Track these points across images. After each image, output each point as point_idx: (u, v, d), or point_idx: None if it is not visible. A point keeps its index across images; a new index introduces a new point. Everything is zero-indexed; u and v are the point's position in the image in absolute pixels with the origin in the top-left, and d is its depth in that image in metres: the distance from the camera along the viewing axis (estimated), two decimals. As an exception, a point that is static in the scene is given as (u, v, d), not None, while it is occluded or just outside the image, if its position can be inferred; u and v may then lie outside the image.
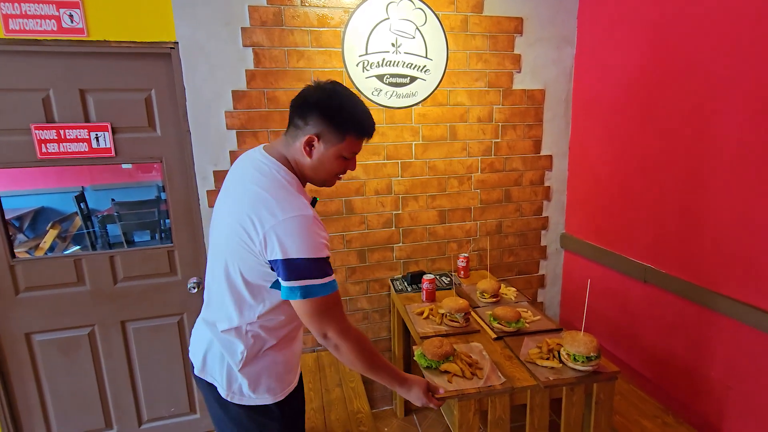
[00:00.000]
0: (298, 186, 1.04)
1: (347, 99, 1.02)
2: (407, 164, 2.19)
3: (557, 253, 2.53)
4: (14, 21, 1.68)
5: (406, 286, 2.15)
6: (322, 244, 0.97)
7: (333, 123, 1.00)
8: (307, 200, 1.02)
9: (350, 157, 1.06)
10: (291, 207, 0.95)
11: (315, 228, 0.96)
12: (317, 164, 1.03)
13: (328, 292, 0.98)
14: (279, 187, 0.99)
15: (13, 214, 3.93)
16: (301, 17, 1.93)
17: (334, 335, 1.02)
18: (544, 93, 2.31)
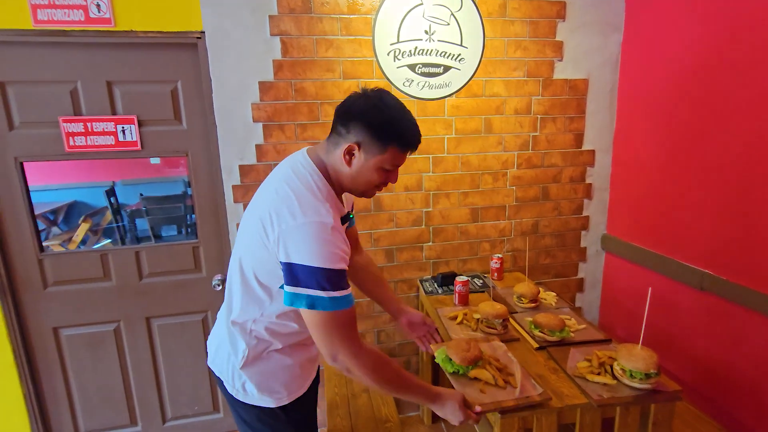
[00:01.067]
0: (329, 194, 0.99)
1: (393, 109, 0.97)
2: (439, 159, 2.08)
3: (598, 255, 2.36)
4: (42, 11, 1.65)
5: (437, 287, 2.04)
6: (337, 256, 0.90)
7: (375, 133, 0.94)
8: (336, 211, 0.98)
9: (392, 169, 1.00)
10: (312, 212, 0.92)
11: (331, 237, 0.90)
12: (356, 174, 0.98)
13: (337, 308, 0.90)
14: (307, 190, 0.96)
15: (48, 208, 4.04)
16: (331, 4, 1.84)
17: (345, 358, 0.94)
18: (587, 83, 2.14)
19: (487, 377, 1.23)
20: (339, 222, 0.96)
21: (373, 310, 2.17)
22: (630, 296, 2.22)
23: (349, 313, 0.93)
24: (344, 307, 0.91)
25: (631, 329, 2.21)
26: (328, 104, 1.92)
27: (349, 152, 0.96)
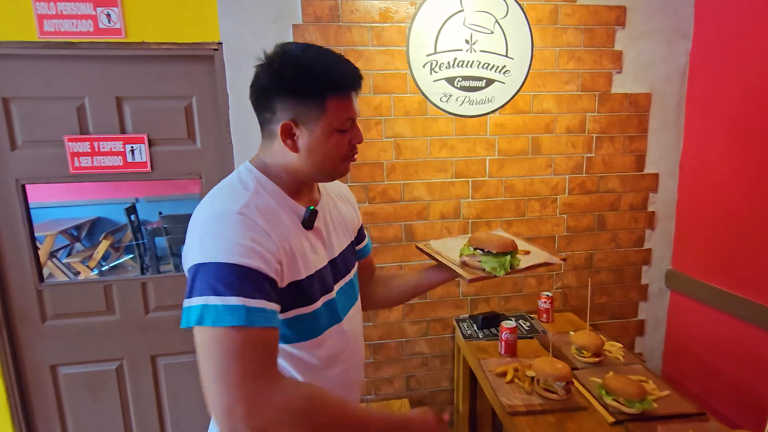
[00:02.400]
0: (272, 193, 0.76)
1: (303, 58, 0.73)
2: (479, 183, 1.83)
3: (661, 294, 2.05)
4: (49, 22, 1.52)
5: (476, 330, 1.77)
6: (242, 247, 0.64)
7: (302, 95, 0.72)
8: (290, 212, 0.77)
9: (347, 126, 0.77)
10: (221, 200, 0.72)
11: (237, 226, 0.66)
12: (310, 154, 0.75)
13: (234, 322, 0.60)
14: (227, 186, 0.76)
15: (71, 224, 3.98)
16: (361, 11, 1.65)
17: (249, 413, 0.57)
18: (650, 98, 1.87)
19: None
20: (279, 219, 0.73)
21: (403, 353, 1.91)
22: (700, 343, 1.89)
23: (260, 337, 0.62)
24: (249, 324, 0.60)
25: (704, 383, 1.87)
26: (357, 122, 1.71)
27: (287, 133, 0.74)
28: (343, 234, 0.91)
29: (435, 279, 1.01)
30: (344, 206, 0.96)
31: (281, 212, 0.75)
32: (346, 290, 0.88)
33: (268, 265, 0.66)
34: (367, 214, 1.78)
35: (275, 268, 0.67)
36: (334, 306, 0.83)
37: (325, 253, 0.83)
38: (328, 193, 0.92)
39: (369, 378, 1.90)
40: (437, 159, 1.79)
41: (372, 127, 1.73)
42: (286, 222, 0.75)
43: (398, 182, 1.78)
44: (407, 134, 1.75)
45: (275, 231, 0.70)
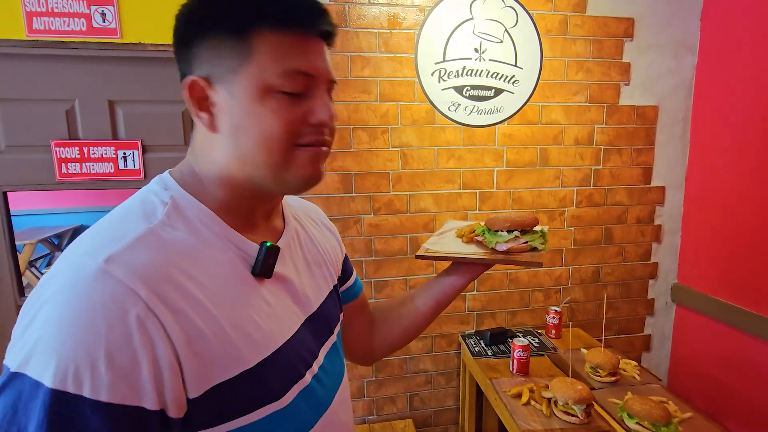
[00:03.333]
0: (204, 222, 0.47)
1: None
2: (487, 195, 1.79)
3: (667, 308, 2.02)
4: (38, 20, 1.42)
5: (484, 347, 1.71)
6: (87, 355, 0.35)
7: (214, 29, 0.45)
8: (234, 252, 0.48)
9: (296, 87, 0.46)
10: (85, 245, 0.42)
11: (88, 301, 0.37)
12: (236, 132, 0.46)
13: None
14: (113, 215, 0.47)
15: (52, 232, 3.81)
16: (369, 17, 1.60)
17: None
18: (657, 110, 1.86)
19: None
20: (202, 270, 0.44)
21: (406, 371, 1.83)
22: (706, 358, 1.86)
23: None
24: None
25: (711, 399, 1.84)
26: (362, 130, 1.66)
27: (197, 98, 0.47)
28: (322, 276, 0.63)
29: (459, 283, 0.76)
30: (321, 235, 0.68)
31: (214, 255, 0.46)
32: (332, 358, 0.61)
33: (129, 387, 0.37)
34: (372, 225, 1.72)
35: (154, 385, 0.38)
36: (314, 392, 0.54)
37: (298, 311, 0.55)
38: (296, 217, 0.64)
39: (371, 397, 1.82)
40: (444, 169, 1.74)
41: (378, 135, 1.67)
42: (220, 272, 0.46)
43: (404, 193, 1.72)
44: (414, 144, 1.70)
45: (187, 295, 0.42)
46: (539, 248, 0.77)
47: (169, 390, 0.39)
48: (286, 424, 0.49)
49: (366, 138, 1.66)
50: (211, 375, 0.42)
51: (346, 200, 1.68)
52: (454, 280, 0.76)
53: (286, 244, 0.57)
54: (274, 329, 0.49)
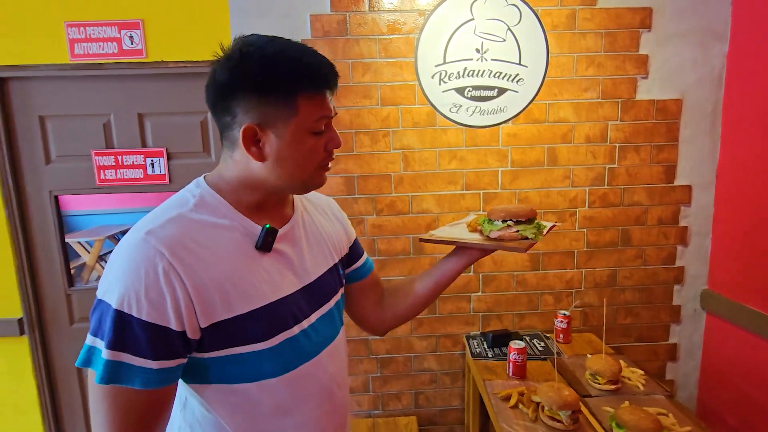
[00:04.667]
0: (220, 209, 0.66)
1: (269, 44, 0.63)
2: (491, 195, 1.77)
3: (696, 316, 1.88)
4: (79, 45, 1.63)
5: (486, 349, 1.70)
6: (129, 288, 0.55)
7: (269, 93, 0.61)
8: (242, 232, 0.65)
9: (322, 128, 0.66)
10: (144, 220, 0.62)
11: (133, 258, 0.57)
12: (280, 162, 0.64)
13: (111, 380, 0.55)
14: (166, 202, 0.66)
15: (117, 230, 4.26)
16: (369, 24, 1.66)
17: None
18: (680, 104, 1.74)
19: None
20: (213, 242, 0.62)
21: (411, 368, 1.87)
22: (740, 371, 1.71)
23: (138, 400, 0.57)
24: (128, 383, 0.55)
25: (744, 415, 1.69)
26: (364, 133, 1.71)
27: (251, 139, 0.63)
28: (322, 255, 0.79)
29: (456, 266, 0.87)
30: (327, 222, 0.84)
31: (223, 233, 0.64)
32: (324, 322, 0.76)
33: (159, 313, 0.56)
34: (375, 226, 1.77)
35: (175, 314, 0.57)
36: (299, 342, 0.69)
37: (295, 280, 0.71)
38: (305, 207, 0.81)
39: (376, 392, 1.88)
40: (446, 171, 1.75)
41: (380, 139, 1.72)
42: (226, 245, 0.63)
43: (406, 194, 1.76)
44: (415, 146, 1.73)
45: (198, 258, 0.59)
46: (529, 237, 0.84)
47: (186, 318, 0.58)
48: (270, 361, 0.66)
49: (368, 141, 1.72)
50: (213, 313, 0.60)
51: (349, 202, 1.75)
52: (452, 263, 0.88)
53: (291, 227, 0.73)
54: (266, 289, 0.66)
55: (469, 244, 0.86)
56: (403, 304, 0.92)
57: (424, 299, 0.90)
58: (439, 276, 0.89)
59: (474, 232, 0.91)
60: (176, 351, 0.58)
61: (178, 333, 0.57)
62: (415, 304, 0.91)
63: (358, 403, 1.88)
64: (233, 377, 0.64)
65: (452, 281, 0.89)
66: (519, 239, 0.83)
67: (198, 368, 0.63)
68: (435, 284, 0.89)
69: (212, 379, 0.64)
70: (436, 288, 0.89)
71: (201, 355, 0.62)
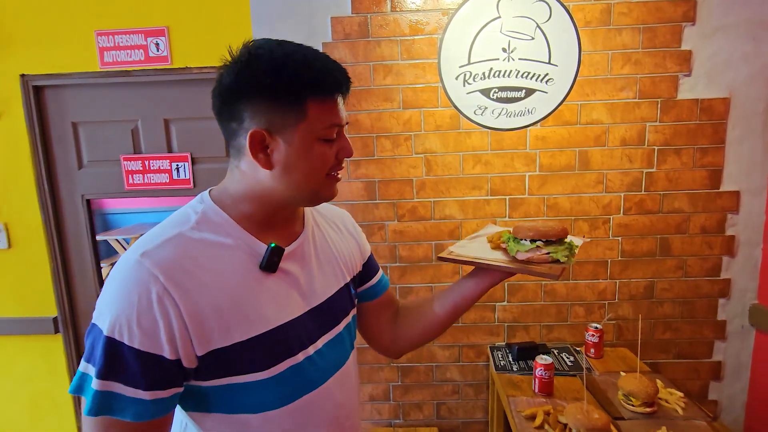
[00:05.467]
0: (224, 227, 0.62)
1: (278, 48, 0.60)
2: (518, 201, 1.70)
3: (744, 333, 1.73)
4: (108, 54, 1.67)
5: (510, 362, 1.63)
6: (122, 315, 0.52)
7: (275, 94, 0.58)
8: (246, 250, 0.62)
9: (332, 135, 0.62)
10: (143, 239, 0.59)
11: (126, 282, 0.54)
12: (288, 170, 0.61)
13: (101, 411, 0.51)
14: (168, 219, 0.64)
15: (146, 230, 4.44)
16: (390, 25, 1.61)
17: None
18: (728, 103, 1.61)
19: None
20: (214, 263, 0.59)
21: (432, 378, 1.82)
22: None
23: (125, 430, 0.53)
24: (118, 415, 0.52)
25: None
26: (385, 137, 1.68)
27: (259, 145, 0.59)
28: (334, 274, 0.74)
29: (477, 288, 0.78)
30: (339, 238, 0.79)
31: (226, 253, 0.60)
32: (333, 346, 0.71)
33: (152, 341, 0.52)
34: (396, 232, 1.73)
35: (169, 342, 0.53)
36: (304, 370, 0.65)
37: (301, 301, 0.67)
38: (317, 222, 0.76)
39: (397, 401, 1.84)
40: (471, 175, 1.68)
41: (401, 142, 1.68)
42: (228, 266, 0.60)
43: (428, 200, 1.71)
44: (438, 150, 1.67)
45: (196, 282, 0.56)
46: (561, 261, 0.75)
47: (181, 347, 0.54)
48: (273, 390, 0.62)
49: (389, 145, 1.68)
50: (210, 341, 0.56)
51: (370, 207, 1.72)
52: (473, 284, 0.79)
53: (299, 244, 0.69)
54: (269, 314, 0.62)
55: (494, 266, 0.77)
56: (418, 327, 0.85)
57: (441, 323, 0.83)
58: (458, 298, 0.80)
59: (497, 249, 0.83)
60: (171, 380, 0.55)
61: (173, 362, 0.54)
62: (430, 328, 0.84)
63: (378, 412, 1.85)
64: (233, 407, 0.61)
65: (473, 304, 0.81)
66: (549, 262, 0.75)
67: (197, 396, 0.60)
68: (453, 307, 0.81)
69: (212, 408, 0.61)
70: (456, 311, 0.81)
71: (199, 383, 0.59)
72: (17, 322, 1.83)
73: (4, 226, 1.78)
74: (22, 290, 1.82)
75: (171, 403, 0.57)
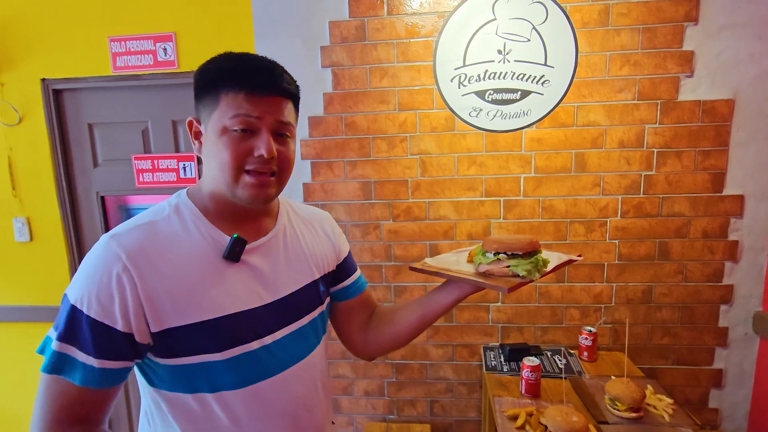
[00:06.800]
0: (191, 219, 0.68)
1: (227, 54, 0.69)
2: (512, 203, 1.70)
3: (747, 340, 1.69)
4: (120, 59, 1.77)
5: (502, 362, 1.64)
6: (87, 289, 0.59)
7: (199, 86, 0.67)
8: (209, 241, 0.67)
9: (241, 126, 0.64)
10: (116, 227, 0.67)
11: (96, 260, 0.61)
12: (207, 157, 0.68)
13: (53, 370, 0.59)
14: (139, 214, 0.70)
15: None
16: (387, 29, 1.64)
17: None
18: (732, 105, 1.56)
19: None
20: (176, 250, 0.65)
21: (426, 376, 1.84)
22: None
23: (74, 395, 0.60)
24: (67, 376, 0.59)
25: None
26: (381, 139, 1.71)
27: (192, 132, 0.71)
28: (302, 271, 0.77)
29: (445, 300, 0.80)
30: (313, 238, 0.82)
31: (190, 242, 0.66)
32: (294, 339, 0.74)
33: (107, 312, 0.59)
34: (391, 232, 1.76)
35: (122, 315, 0.59)
36: (258, 358, 0.68)
37: (264, 293, 0.70)
38: (290, 220, 0.80)
39: (391, 397, 1.87)
40: (465, 177, 1.70)
41: (396, 144, 1.70)
42: (190, 254, 0.65)
43: (423, 200, 1.73)
44: (433, 151, 1.69)
45: (154, 265, 0.62)
46: (520, 275, 0.75)
47: (134, 322, 0.60)
48: (226, 373, 0.66)
49: (385, 146, 1.71)
50: (163, 319, 0.62)
51: (365, 207, 1.76)
52: (441, 296, 0.82)
53: (267, 240, 0.73)
54: (225, 301, 0.66)
55: (455, 278, 0.78)
56: (387, 332, 0.87)
57: (409, 330, 0.85)
58: (425, 308, 0.82)
59: (471, 262, 0.83)
60: (120, 352, 0.60)
61: (125, 334, 0.60)
62: (399, 334, 0.86)
63: (373, 407, 1.89)
64: (190, 386, 0.65)
65: (440, 315, 0.83)
66: (508, 276, 0.74)
67: (159, 374, 0.66)
68: (421, 317, 0.83)
69: (169, 385, 0.66)
70: (422, 321, 0.83)
71: (158, 359, 0.64)
72: (39, 309, 1.96)
73: (27, 220, 1.91)
74: (43, 280, 1.95)
75: (118, 376, 0.62)
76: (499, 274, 0.75)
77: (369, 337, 0.90)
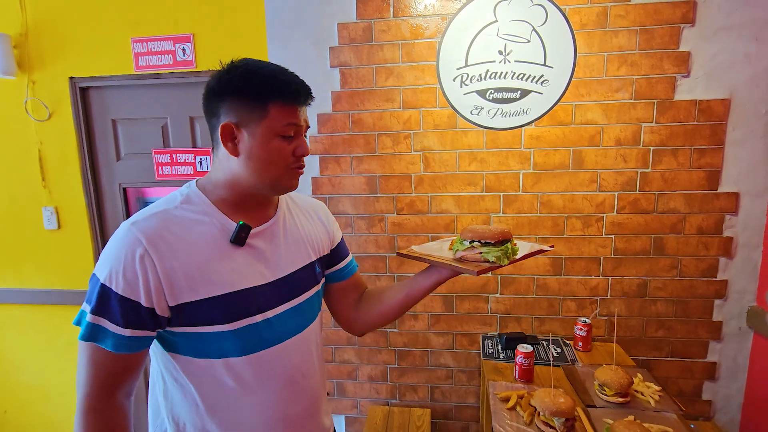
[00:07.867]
0: (201, 207, 0.77)
1: (253, 64, 0.76)
2: (512, 198, 1.77)
3: (741, 335, 1.73)
4: (142, 58, 1.88)
5: (499, 350, 1.72)
6: (112, 268, 0.69)
7: (247, 97, 0.73)
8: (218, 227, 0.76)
9: (290, 133, 0.76)
10: (134, 215, 0.75)
11: (119, 243, 0.70)
12: (250, 159, 0.75)
13: (91, 338, 0.69)
14: (154, 203, 0.79)
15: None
16: (393, 30, 1.72)
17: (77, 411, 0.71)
18: (728, 104, 1.60)
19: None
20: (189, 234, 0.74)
21: (427, 363, 1.93)
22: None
23: (108, 360, 0.69)
24: (101, 344, 0.68)
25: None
26: (386, 135, 1.79)
27: (228, 136, 0.75)
28: (300, 253, 0.87)
29: (425, 283, 0.88)
30: (309, 224, 0.92)
31: (201, 227, 0.75)
32: (292, 314, 0.83)
33: (132, 289, 0.68)
34: (395, 224, 1.84)
35: (145, 292, 0.68)
36: (261, 329, 0.78)
37: (266, 272, 0.80)
38: (289, 209, 0.90)
39: (394, 382, 1.96)
40: (466, 172, 1.77)
41: (401, 140, 1.78)
42: (201, 238, 0.74)
43: (426, 195, 1.81)
44: (436, 147, 1.77)
45: (171, 247, 0.71)
46: (490, 260, 0.84)
47: (155, 297, 0.70)
48: (233, 342, 0.76)
49: (389, 143, 1.79)
50: (179, 295, 0.71)
51: (371, 200, 1.84)
52: (422, 279, 0.90)
53: (269, 225, 0.83)
54: (233, 279, 0.75)
55: (434, 262, 0.87)
56: (373, 311, 0.97)
57: (394, 309, 0.94)
58: (409, 290, 0.91)
59: (450, 249, 0.92)
60: (145, 323, 0.70)
61: (147, 309, 0.69)
62: (384, 312, 0.95)
63: (376, 391, 1.98)
64: (201, 352, 0.75)
65: (422, 297, 0.92)
66: (480, 261, 0.83)
67: (173, 341, 0.75)
68: (405, 297, 0.92)
69: (183, 351, 0.75)
70: (406, 301, 0.92)
71: (174, 329, 0.74)
72: (66, 293, 2.10)
73: (55, 209, 2.04)
74: (70, 266, 2.09)
75: (143, 343, 0.72)
76: (472, 260, 0.85)
77: (359, 315, 1.00)
